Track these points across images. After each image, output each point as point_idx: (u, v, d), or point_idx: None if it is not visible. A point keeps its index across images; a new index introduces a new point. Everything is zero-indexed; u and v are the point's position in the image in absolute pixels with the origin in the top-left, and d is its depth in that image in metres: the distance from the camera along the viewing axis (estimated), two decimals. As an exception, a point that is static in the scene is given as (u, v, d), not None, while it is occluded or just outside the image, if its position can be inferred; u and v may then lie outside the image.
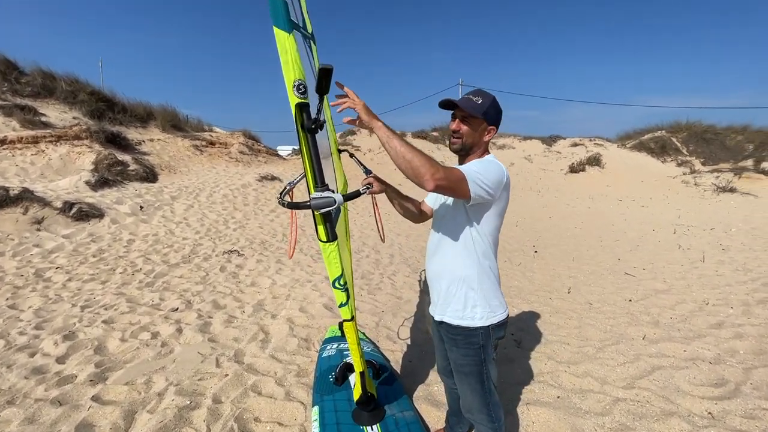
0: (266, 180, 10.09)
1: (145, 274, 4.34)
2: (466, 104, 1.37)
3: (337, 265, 1.49)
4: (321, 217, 1.39)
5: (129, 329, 3.01)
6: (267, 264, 4.87)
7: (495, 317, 1.42)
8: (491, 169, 1.31)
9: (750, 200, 11.19)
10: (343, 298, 1.57)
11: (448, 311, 1.45)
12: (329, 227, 1.43)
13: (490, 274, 1.43)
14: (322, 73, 1.13)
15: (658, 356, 2.68)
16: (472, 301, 1.40)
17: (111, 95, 12.27)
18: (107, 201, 6.73)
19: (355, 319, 1.66)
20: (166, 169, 9.89)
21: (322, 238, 1.45)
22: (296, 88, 1.20)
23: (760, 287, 4.10)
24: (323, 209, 1.29)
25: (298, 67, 1.21)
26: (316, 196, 1.27)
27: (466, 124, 1.41)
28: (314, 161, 1.31)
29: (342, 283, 1.53)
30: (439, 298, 1.49)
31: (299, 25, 1.57)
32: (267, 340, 2.92)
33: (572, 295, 4.00)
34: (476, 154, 1.45)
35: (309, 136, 1.27)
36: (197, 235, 6.01)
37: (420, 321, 3.30)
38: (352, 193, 1.41)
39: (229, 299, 3.71)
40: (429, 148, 16.84)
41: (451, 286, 1.43)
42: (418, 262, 5.24)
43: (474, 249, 1.39)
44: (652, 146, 19.56)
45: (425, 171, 1.14)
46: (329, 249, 1.47)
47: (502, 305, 1.45)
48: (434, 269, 1.50)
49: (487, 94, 1.41)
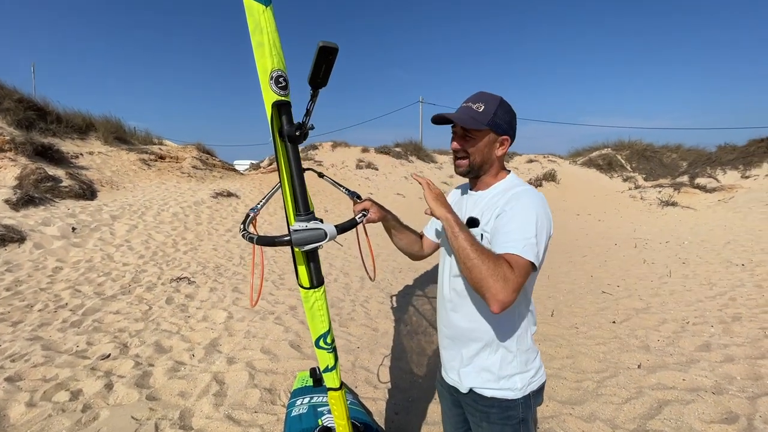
0: (222, 197, 9.39)
1: (72, 310, 3.65)
2: (464, 117, 1.08)
3: (324, 319, 1.12)
4: (304, 256, 1.03)
5: (41, 388, 2.39)
6: (222, 293, 4.31)
7: (536, 381, 1.11)
8: (541, 214, 1.01)
9: (691, 213, 11.98)
10: (329, 360, 1.18)
11: (478, 380, 1.11)
12: (314, 268, 1.06)
13: (530, 327, 1.12)
14: (322, 54, 0.78)
15: (660, 388, 2.50)
16: (509, 368, 1.09)
17: (43, 103, 11.05)
18: (30, 222, 5.82)
19: (344, 388, 1.28)
20: (107, 185, 8.93)
21: (304, 284, 1.07)
22: (274, 81, 0.87)
23: (728, 302, 4.15)
24: (309, 246, 0.93)
25: (278, 52, 0.86)
26: (299, 228, 0.93)
27: (470, 142, 1.11)
28: (296, 180, 0.96)
29: (329, 342, 1.15)
30: (462, 363, 1.15)
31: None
32: (222, 392, 2.43)
33: (556, 318, 3.82)
34: (491, 174, 1.15)
35: (290, 146, 0.93)
36: (141, 260, 5.30)
37: (400, 358, 2.94)
38: (348, 223, 1.05)
39: (175, 339, 3.15)
40: (392, 164, 16.75)
41: (484, 351, 1.11)
42: (390, 285, 4.89)
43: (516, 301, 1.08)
44: (600, 163, 20.77)
45: (488, 287, 0.90)
46: (313, 297, 1.09)
47: (539, 362, 1.15)
48: (458, 328, 1.16)
49: (491, 96, 1.11)
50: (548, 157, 21.21)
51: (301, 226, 0.94)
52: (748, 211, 10.47)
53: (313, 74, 0.81)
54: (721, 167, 15.81)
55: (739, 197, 11.93)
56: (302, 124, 0.88)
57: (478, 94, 1.13)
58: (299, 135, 0.89)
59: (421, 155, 18.63)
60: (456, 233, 0.97)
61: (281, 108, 0.90)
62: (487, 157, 1.13)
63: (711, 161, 16.74)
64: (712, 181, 15.16)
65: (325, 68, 0.81)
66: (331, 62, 0.80)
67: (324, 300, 1.10)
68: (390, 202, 12.07)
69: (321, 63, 0.79)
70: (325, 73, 0.81)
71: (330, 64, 0.80)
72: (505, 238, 0.99)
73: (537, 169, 18.86)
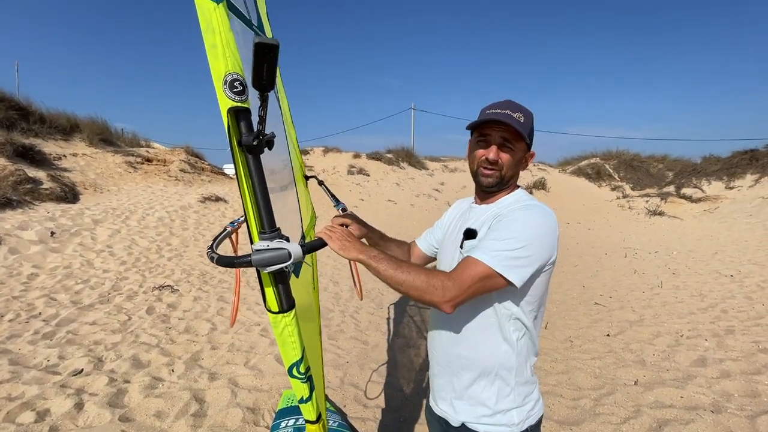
0: (210, 201, 9.19)
1: (45, 320, 3.46)
2: (514, 121, 0.97)
3: (296, 346, 0.97)
4: (271, 277, 0.89)
5: (4, 408, 2.22)
6: (206, 302, 4.15)
7: (533, 415, 1.02)
8: (535, 229, 0.93)
9: (677, 223, 12.13)
10: (304, 391, 1.03)
11: (472, 414, 1.01)
12: (283, 290, 0.92)
13: (530, 357, 1.03)
14: (259, 52, 0.68)
15: (658, 407, 2.43)
16: (506, 402, 0.99)
17: (26, 103, 10.73)
18: (6, 226, 5.57)
19: (323, 421, 1.14)
20: (90, 188, 8.67)
21: (272, 308, 0.92)
22: (228, 86, 0.77)
23: (720, 314, 4.14)
24: (271, 267, 0.84)
25: (232, 53, 0.76)
26: (261, 248, 0.83)
27: (508, 151, 1.01)
28: (259, 194, 0.84)
29: (302, 372, 1.01)
30: (455, 394, 1.05)
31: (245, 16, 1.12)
32: (202, 412, 2.28)
33: (550, 330, 3.75)
34: (507, 190, 1.07)
35: (251, 157, 0.83)
36: (122, 267, 5.10)
37: (391, 374, 2.83)
38: (317, 242, 0.96)
39: (155, 353, 2.99)
40: (383, 170, 16.69)
41: (479, 383, 1.01)
42: (381, 295, 4.78)
43: (513, 329, 0.99)
44: (589, 172, 21.04)
45: (431, 295, 0.89)
46: (283, 323, 0.94)
47: (538, 394, 1.06)
48: (450, 355, 1.07)
49: (526, 108, 1.02)
50: (538, 166, 21.40)
51: (263, 245, 0.84)
52: (733, 221, 10.64)
53: (255, 76, 0.72)
54: (706, 178, 16.10)
55: (723, 207, 12.14)
56: (260, 132, 0.78)
57: (512, 103, 1.02)
58: (257, 144, 0.79)
59: (413, 162, 18.62)
60: (377, 267, 0.93)
61: (238, 115, 0.80)
62: (516, 172, 1.05)
63: (696, 172, 17.05)
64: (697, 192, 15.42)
65: (267, 68, 0.71)
66: (273, 61, 0.70)
67: (295, 325, 0.96)
68: (382, 209, 11.99)
69: (261, 63, 0.70)
70: (269, 73, 0.72)
71: (272, 62, 0.71)
72: (480, 244, 0.94)
73: (527, 177, 18.99)
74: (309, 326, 1.47)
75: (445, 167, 19.28)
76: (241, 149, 0.81)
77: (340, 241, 0.98)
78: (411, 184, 15.80)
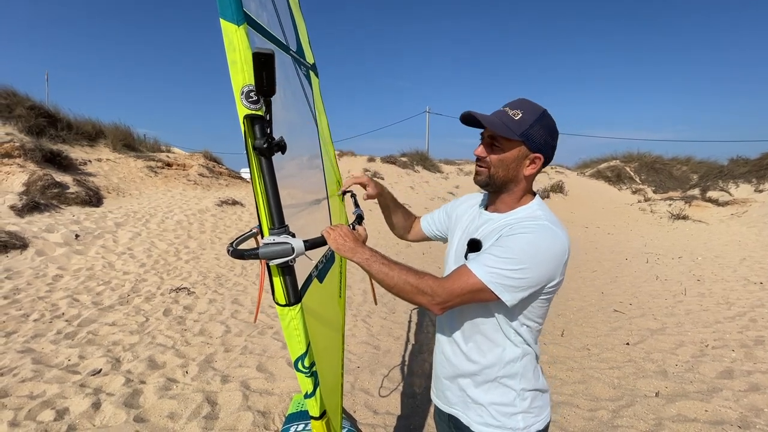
0: (227, 205, 9.36)
1: (68, 320, 3.57)
2: (495, 121, 0.96)
3: (301, 340, 1.02)
4: (279, 271, 0.99)
5: (26, 406, 2.29)
6: (221, 305, 4.21)
7: (540, 421, 1.00)
8: (539, 254, 0.89)
9: (703, 228, 11.70)
10: (308, 385, 1.06)
11: (477, 418, 1.00)
12: (290, 284, 1.01)
13: (535, 362, 1.02)
14: (257, 61, 0.78)
15: (681, 420, 2.33)
16: (512, 407, 0.98)
17: (54, 111, 11.19)
18: (34, 229, 5.80)
19: (327, 417, 1.16)
20: (113, 192, 8.96)
21: (279, 300, 1.02)
22: (245, 96, 0.90)
23: (749, 324, 3.96)
24: (276, 260, 0.94)
25: (249, 68, 0.89)
26: (268, 242, 0.94)
27: (496, 150, 0.99)
28: (269, 193, 0.96)
29: (306, 366, 1.04)
30: (460, 394, 1.05)
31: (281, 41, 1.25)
32: (213, 415, 2.31)
33: (566, 338, 3.66)
34: (513, 195, 1.03)
35: (263, 160, 0.93)
36: (142, 269, 5.23)
37: (403, 380, 2.80)
38: (319, 239, 1.01)
39: (170, 354, 3.04)
40: (397, 173, 16.70)
41: (483, 386, 1.01)
42: (394, 300, 4.75)
43: (518, 337, 0.97)
44: (609, 174, 20.54)
45: (420, 299, 0.91)
46: (289, 315, 1.02)
47: (545, 398, 1.04)
48: (456, 357, 1.06)
49: (532, 105, 0.98)
50: (555, 168, 21.01)
51: (271, 239, 0.94)
52: (763, 225, 10.19)
53: (256, 84, 0.83)
54: (733, 180, 15.47)
55: (752, 211, 11.64)
56: (268, 136, 0.90)
57: (518, 101, 1.00)
58: (267, 147, 0.90)
59: (427, 165, 18.57)
60: (369, 268, 0.95)
61: (253, 121, 0.92)
62: (513, 174, 1.00)
63: (723, 174, 16.40)
64: (724, 195, 14.83)
65: (267, 75, 0.81)
66: (271, 68, 0.79)
67: (301, 319, 1.02)
68: (395, 212, 11.97)
69: (260, 71, 0.80)
70: (269, 80, 0.82)
71: (270, 70, 0.80)
72: (480, 256, 0.93)
73: (544, 180, 18.66)
74: (331, 335, 1.48)
75: (460, 170, 19.15)
76: (255, 152, 0.93)
77: (336, 240, 0.99)
78: (425, 188, 15.75)
